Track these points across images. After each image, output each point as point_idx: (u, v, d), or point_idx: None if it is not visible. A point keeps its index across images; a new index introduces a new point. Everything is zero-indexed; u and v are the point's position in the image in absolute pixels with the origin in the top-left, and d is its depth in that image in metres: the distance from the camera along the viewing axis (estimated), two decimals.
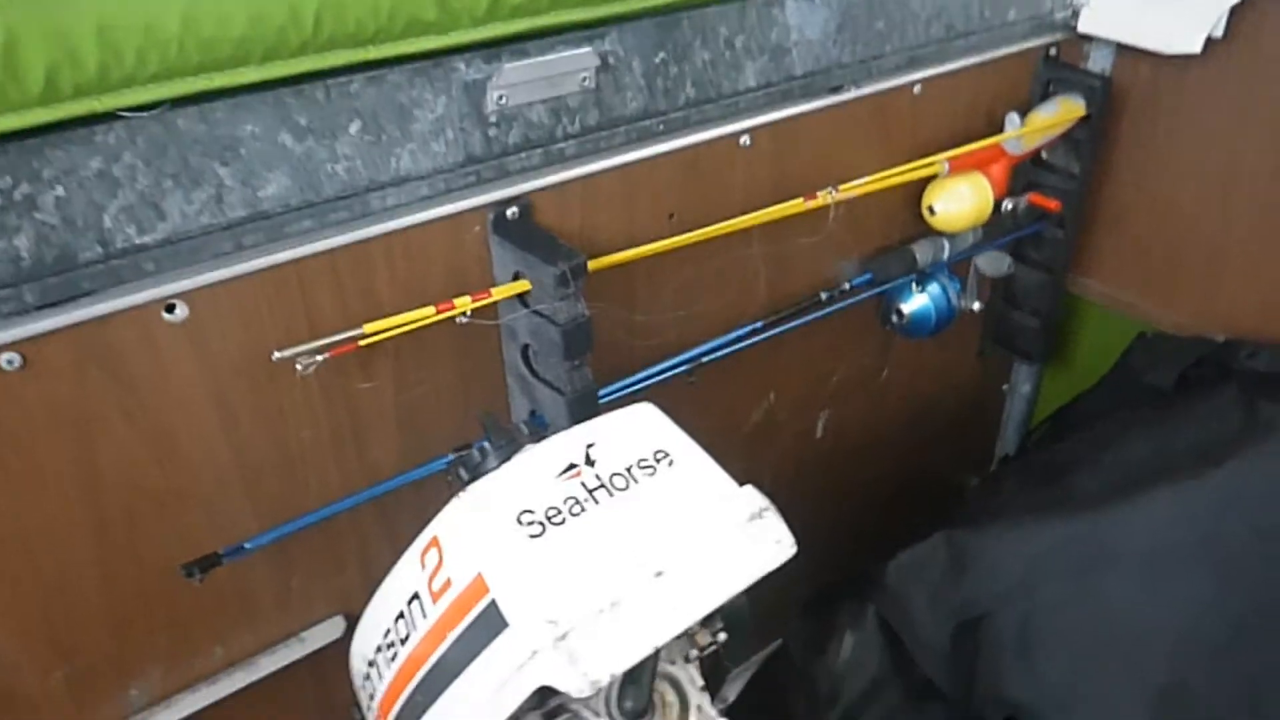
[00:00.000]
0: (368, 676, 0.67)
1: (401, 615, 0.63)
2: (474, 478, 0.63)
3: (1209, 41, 1.08)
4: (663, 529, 0.59)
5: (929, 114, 1.08)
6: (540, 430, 0.72)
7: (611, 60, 0.80)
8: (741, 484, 0.63)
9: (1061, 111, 1.16)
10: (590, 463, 0.62)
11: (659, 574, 0.57)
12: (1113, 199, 1.25)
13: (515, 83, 0.75)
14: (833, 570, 1.04)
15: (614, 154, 0.83)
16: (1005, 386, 1.47)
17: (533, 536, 0.58)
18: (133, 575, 0.72)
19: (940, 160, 1.06)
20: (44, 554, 0.68)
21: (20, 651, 0.70)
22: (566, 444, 0.63)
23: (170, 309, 0.66)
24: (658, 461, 0.63)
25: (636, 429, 0.64)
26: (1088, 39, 1.18)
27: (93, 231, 0.61)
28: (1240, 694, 0.86)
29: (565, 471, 0.61)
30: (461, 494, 0.60)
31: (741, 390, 1.10)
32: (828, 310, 1.05)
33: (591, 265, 0.79)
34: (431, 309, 0.74)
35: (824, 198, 0.95)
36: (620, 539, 0.58)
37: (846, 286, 1.07)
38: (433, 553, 0.60)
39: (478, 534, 0.58)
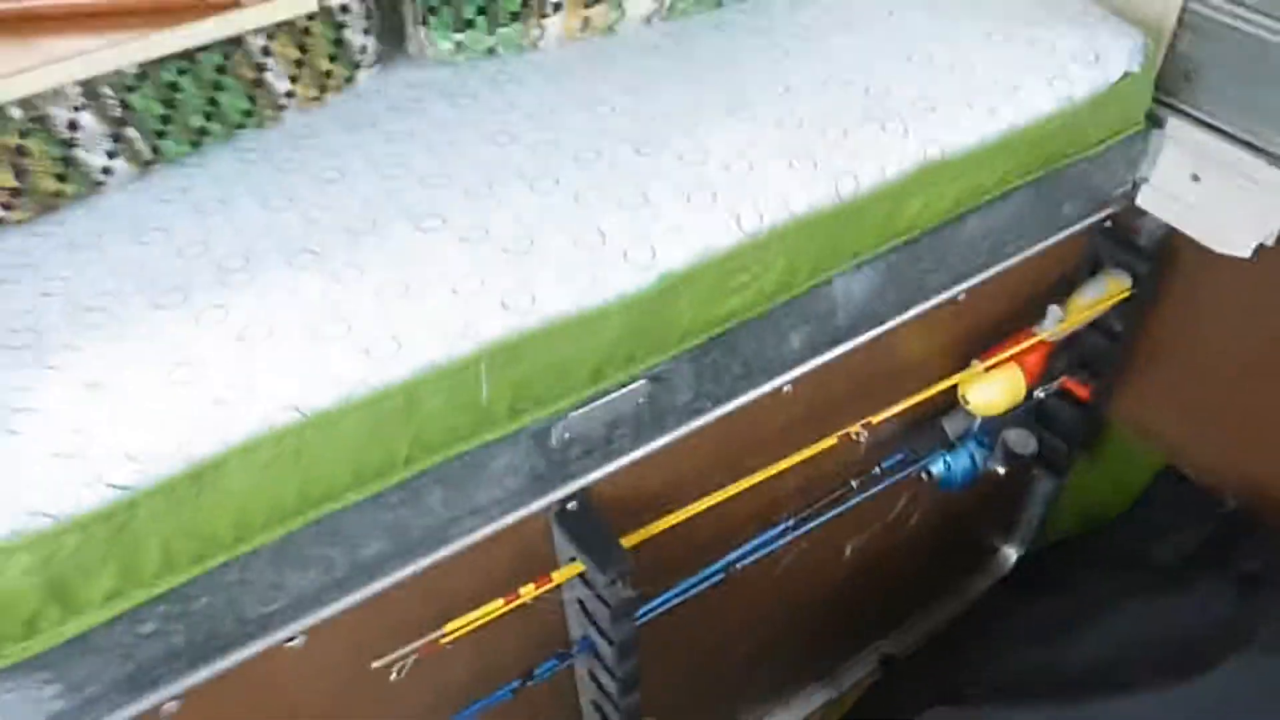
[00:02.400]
0: None
1: None
2: None
3: (1260, 247, 1.11)
4: None
5: (971, 315, 1.14)
6: None
7: (664, 377, 0.89)
8: None
9: (1107, 292, 1.20)
10: None
11: None
12: (1154, 346, 1.31)
13: (577, 423, 0.85)
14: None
15: (664, 436, 0.94)
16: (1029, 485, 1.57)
17: None
18: None
19: (976, 364, 1.14)
20: None
21: None
22: None
23: (290, 639, 0.81)
24: None
25: None
26: (1143, 213, 1.21)
27: (231, 615, 0.76)
28: None
29: None
30: None
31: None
32: (860, 498, 1.16)
33: (640, 537, 0.92)
34: (501, 601, 0.89)
35: (854, 431, 1.05)
36: None
37: (877, 471, 1.17)
38: None
39: None
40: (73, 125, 0.83)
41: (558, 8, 1.02)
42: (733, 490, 1.00)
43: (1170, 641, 1.08)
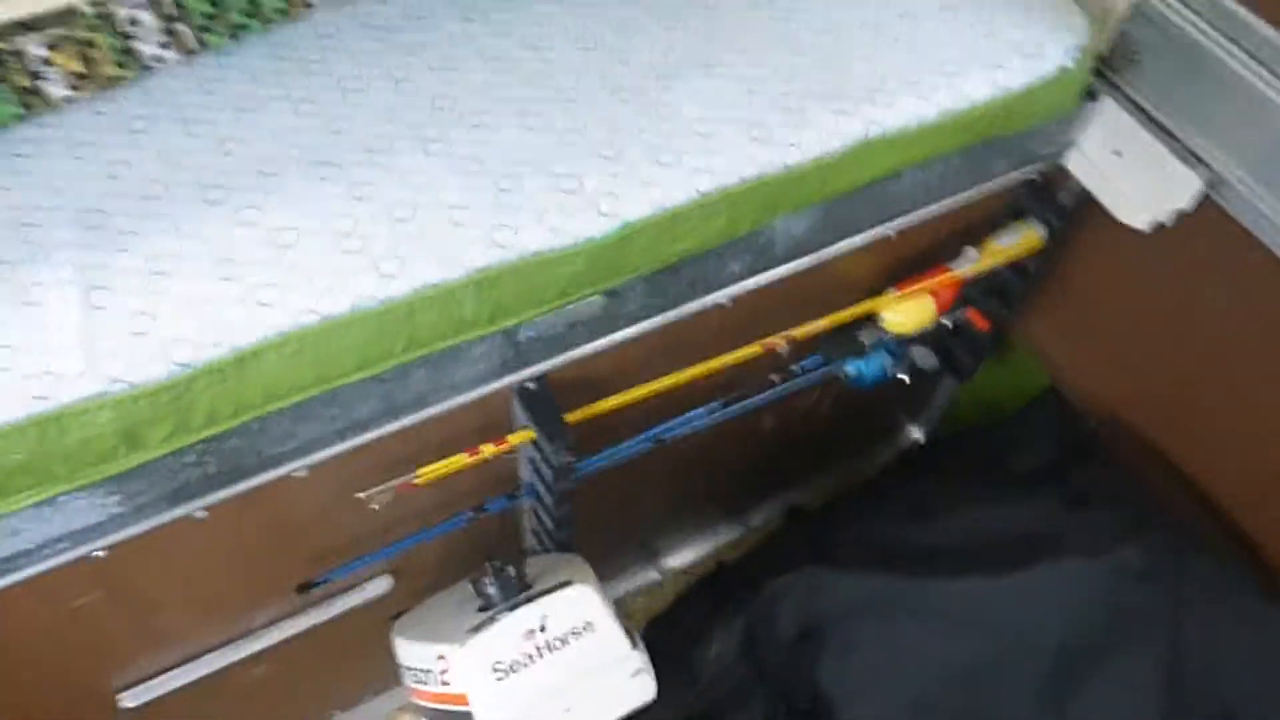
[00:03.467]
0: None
1: (427, 670, 1.06)
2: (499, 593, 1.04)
3: (1161, 226, 1.28)
4: (577, 676, 1.01)
5: (897, 250, 1.31)
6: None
7: (618, 291, 1.07)
8: None
9: (1020, 243, 1.37)
10: (543, 629, 1.02)
11: (567, 710, 1.00)
12: (1060, 285, 1.50)
13: (542, 324, 1.04)
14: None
15: (614, 335, 1.12)
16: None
17: (498, 680, 0.99)
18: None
19: (891, 290, 1.32)
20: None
21: None
22: (530, 614, 1.02)
23: (296, 472, 1.02)
24: (584, 629, 1.03)
25: (574, 606, 1.03)
26: (1068, 174, 1.36)
27: (253, 452, 0.96)
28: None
29: (531, 634, 1.01)
30: (470, 641, 1.00)
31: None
32: (780, 390, 1.37)
33: (585, 414, 1.13)
34: (465, 455, 1.10)
35: (778, 344, 1.24)
36: (553, 686, 1.00)
37: (797, 370, 1.37)
38: (443, 662, 1.02)
39: (471, 675, 1.00)
40: (133, 21, 0.96)
41: None
42: (667, 382, 1.19)
43: (1001, 541, 1.33)
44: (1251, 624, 1.24)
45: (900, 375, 1.46)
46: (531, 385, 1.10)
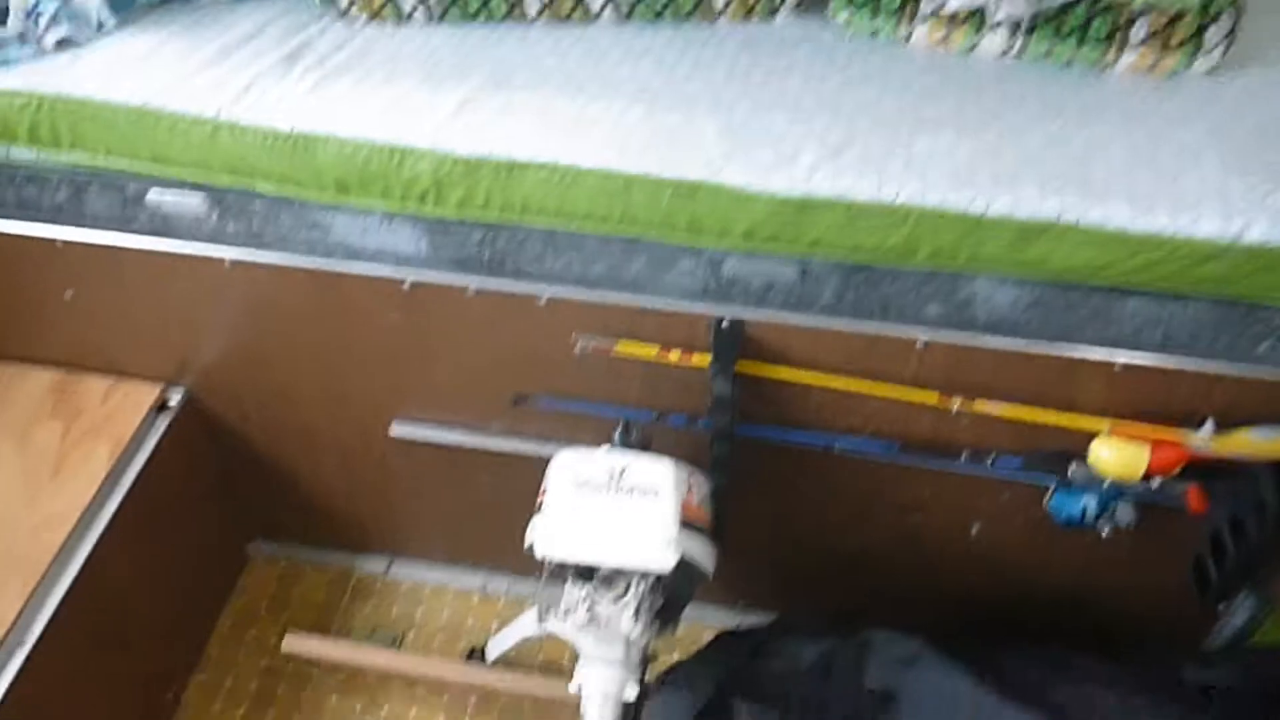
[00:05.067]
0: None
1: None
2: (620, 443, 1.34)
3: None
4: (625, 519, 1.25)
5: (1125, 390, 1.32)
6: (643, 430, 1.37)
7: (811, 272, 1.30)
8: None
9: (1273, 443, 1.30)
10: (621, 474, 1.27)
11: (604, 536, 1.24)
12: None
13: (738, 267, 1.30)
14: None
15: (804, 319, 1.34)
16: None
17: (576, 486, 1.27)
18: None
19: (1105, 425, 1.34)
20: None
21: None
22: (622, 460, 1.28)
23: (537, 298, 1.40)
24: (650, 493, 1.26)
25: (654, 473, 1.27)
26: None
27: (512, 262, 1.37)
28: None
29: (612, 473, 1.28)
30: (570, 451, 1.30)
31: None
32: (955, 467, 1.44)
33: (756, 369, 1.36)
34: (656, 350, 1.39)
35: (951, 403, 1.35)
36: (604, 514, 1.25)
37: (989, 462, 1.44)
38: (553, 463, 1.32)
39: (556, 476, 1.29)
40: None
41: (925, 17, 1.39)
42: (840, 382, 1.37)
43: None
44: None
45: (1098, 525, 1.44)
46: (725, 323, 1.36)
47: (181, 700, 1.83)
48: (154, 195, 1.40)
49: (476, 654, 1.80)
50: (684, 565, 1.26)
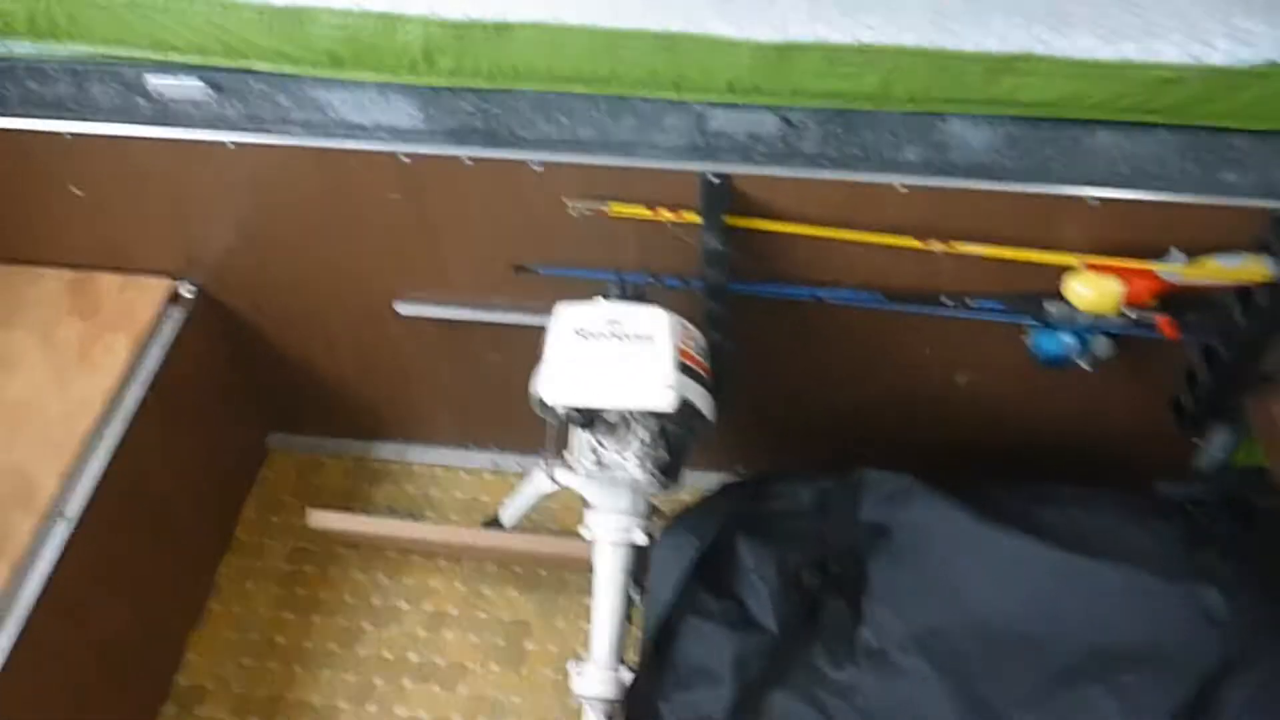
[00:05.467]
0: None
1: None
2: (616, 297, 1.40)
3: None
4: (624, 362, 1.32)
5: (1100, 225, 1.37)
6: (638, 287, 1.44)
7: (793, 123, 1.35)
8: None
9: (1240, 269, 1.36)
10: (617, 322, 1.34)
11: (604, 380, 1.31)
12: None
13: (723, 120, 1.35)
14: None
15: (788, 170, 1.39)
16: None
17: (576, 334, 1.34)
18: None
19: (1076, 260, 1.40)
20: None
21: None
22: (617, 310, 1.35)
23: (535, 164, 1.45)
24: (645, 338, 1.33)
25: (649, 319, 1.34)
26: None
27: (505, 129, 1.42)
28: None
29: (609, 321, 1.34)
30: (567, 303, 1.37)
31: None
32: (939, 311, 1.51)
33: (746, 223, 1.42)
34: (646, 210, 1.45)
35: (931, 246, 1.41)
36: (603, 359, 1.32)
37: (972, 303, 1.50)
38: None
39: (557, 325, 1.36)
40: None
41: None
42: (826, 232, 1.43)
43: (1094, 532, 1.37)
44: None
45: (1079, 361, 1.50)
46: (714, 179, 1.42)
47: (215, 580, 1.93)
48: (154, 80, 1.44)
49: (493, 525, 1.90)
50: (685, 411, 1.34)
